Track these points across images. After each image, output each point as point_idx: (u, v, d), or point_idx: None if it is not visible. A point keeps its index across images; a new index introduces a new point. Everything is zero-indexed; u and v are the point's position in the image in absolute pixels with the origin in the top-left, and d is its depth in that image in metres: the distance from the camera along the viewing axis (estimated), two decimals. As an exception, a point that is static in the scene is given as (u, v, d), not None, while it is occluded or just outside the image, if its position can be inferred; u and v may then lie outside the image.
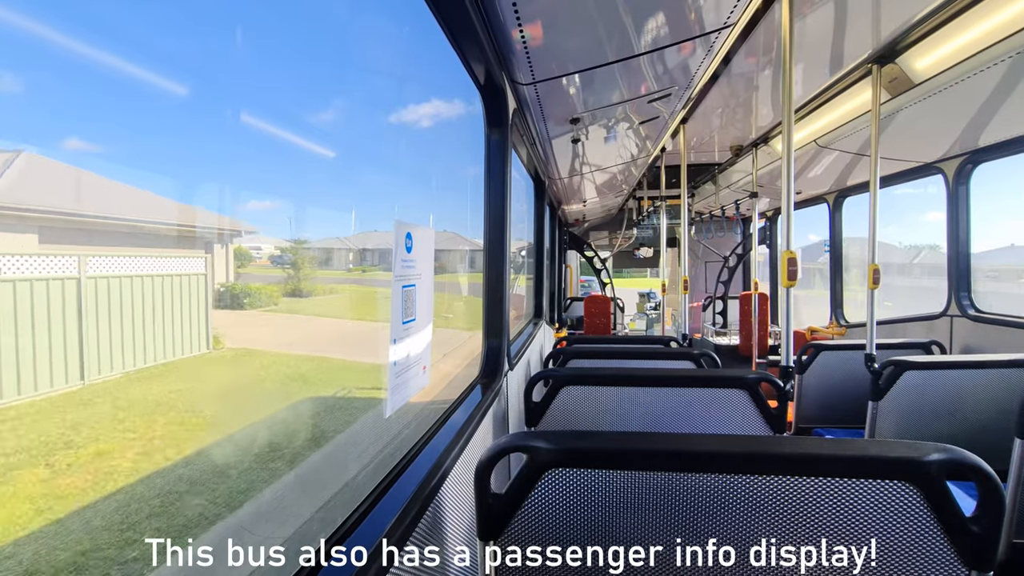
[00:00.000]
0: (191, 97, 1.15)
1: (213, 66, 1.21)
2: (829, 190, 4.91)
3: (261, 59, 1.30)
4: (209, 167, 1.34)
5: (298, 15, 1.51)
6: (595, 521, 0.86)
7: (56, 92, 0.87)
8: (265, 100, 1.38)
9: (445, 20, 1.44)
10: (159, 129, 1.16)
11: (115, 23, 0.94)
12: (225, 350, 2.06)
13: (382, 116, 2.00)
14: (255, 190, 1.57)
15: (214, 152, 1.38)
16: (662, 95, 2.40)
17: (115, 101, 1.00)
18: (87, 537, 1.52)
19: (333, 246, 3.21)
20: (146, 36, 0.98)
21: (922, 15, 1.96)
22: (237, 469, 2.05)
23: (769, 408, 1.61)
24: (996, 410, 2.04)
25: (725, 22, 1.71)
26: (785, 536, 0.81)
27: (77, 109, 0.96)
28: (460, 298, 5.82)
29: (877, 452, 0.80)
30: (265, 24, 1.32)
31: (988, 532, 0.76)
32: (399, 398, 1.16)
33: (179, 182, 1.30)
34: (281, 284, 2.50)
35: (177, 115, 1.14)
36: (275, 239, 2.24)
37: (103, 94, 0.96)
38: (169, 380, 1.79)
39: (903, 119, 2.84)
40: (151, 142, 1.14)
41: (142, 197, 1.40)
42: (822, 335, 4.89)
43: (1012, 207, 4.71)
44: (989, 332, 3.35)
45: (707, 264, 8.01)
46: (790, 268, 2.01)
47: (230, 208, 1.54)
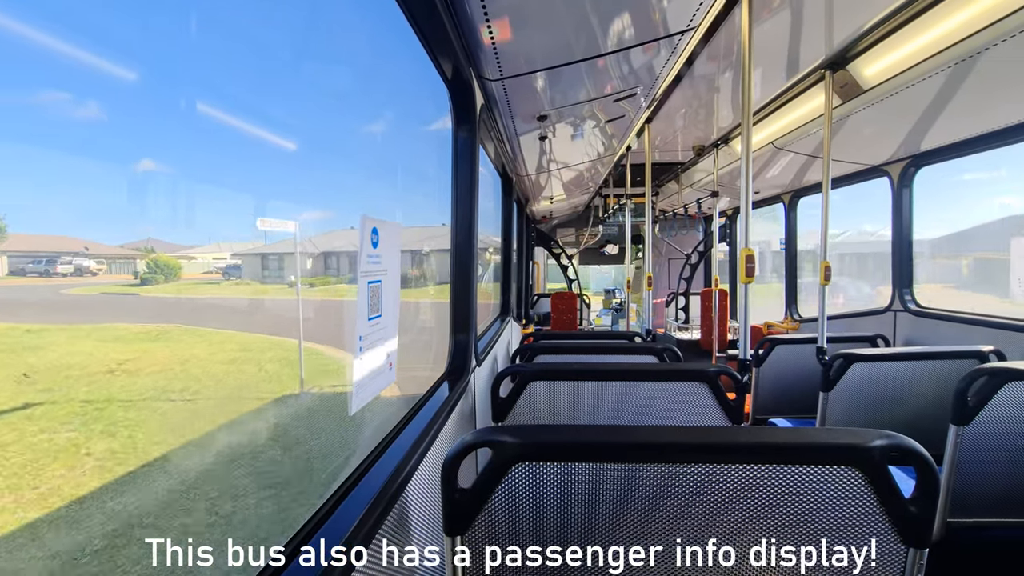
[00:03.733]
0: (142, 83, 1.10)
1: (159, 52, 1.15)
2: (785, 190, 5.11)
3: (213, 46, 1.24)
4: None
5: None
6: (560, 512, 0.88)
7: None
8: (220, 88, 1.32)
9: (412, 14, 1.43)
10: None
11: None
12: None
13: (345, 110, 1.95)
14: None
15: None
16: (627, 94, 2.44)
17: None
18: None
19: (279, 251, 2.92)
20: (92, 19, 0.93)
21: (871, 23, 2.06)
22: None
23: (728, 400, 1.67)
24: (933, 398, 2.18)
25: (688, 25, 1.75)
26: (741, 520, 0.85)
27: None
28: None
29: (825, 439, 0.85)
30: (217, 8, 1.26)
31: (924, 512, 0.82)
32: (365, 395, 1.15)
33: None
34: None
35: (125, 101, 1.08)
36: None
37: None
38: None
39: (853, 123, 2.97)
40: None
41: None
42: (777, 330, 5.09)
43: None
44: (928, 325, 3.57)
45: (670, 261, 8.20)
46: (748, 265, 2.08)
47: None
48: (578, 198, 6.32)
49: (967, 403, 1.58)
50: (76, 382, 2.11)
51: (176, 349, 2.75)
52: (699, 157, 4.49)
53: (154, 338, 2.65)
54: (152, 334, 2.65)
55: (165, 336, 2.73)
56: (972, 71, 2.17)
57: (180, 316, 2.83)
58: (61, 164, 1.05)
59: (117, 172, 1.22)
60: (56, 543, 1.71)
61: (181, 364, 2.74)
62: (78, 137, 1.09)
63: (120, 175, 1.25)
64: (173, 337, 2.80)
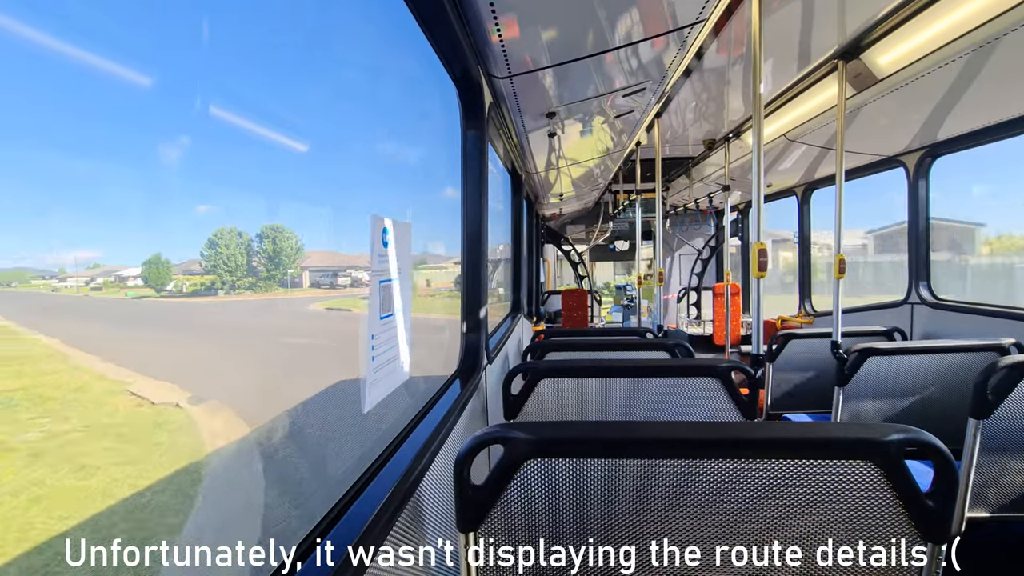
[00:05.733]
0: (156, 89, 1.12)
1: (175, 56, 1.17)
2: (798, 183, 5.04)
3: (224, 49, 1.25)
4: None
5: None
6: (573, 509, 0.88)
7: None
8: (232, 92, 1.34)
9: (420, 13, 1.43)
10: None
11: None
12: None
13: (354, 111, 1.96)
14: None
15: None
16: (636, 89, 2.43)
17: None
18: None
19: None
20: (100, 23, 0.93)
21: (885, 12, 2.02)
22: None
23: (740, 395, 1.66)
24: (951, 392, 2.15)
25: (697, 17, 1.74)
26: (757, 515, 0.85)
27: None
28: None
29: (841, 434, 0.84)
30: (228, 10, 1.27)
31: (943, 507, 0.81)
32: (378, 393, 1.16)
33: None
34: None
35: (138, 107, 1.10)
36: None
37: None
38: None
39: (867, 114, 2.93)
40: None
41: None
42: (791, 324, 5.04)
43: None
44: (946, 318, 3.51)
45: (681, 256, 8.15)
46: (760, 259, 2.06)
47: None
48: (587, 194, 6.30)
49: (987, 396, 1.56)
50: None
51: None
52: (710, 151, 4.45)
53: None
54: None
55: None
56: (991, 58, 2.12)
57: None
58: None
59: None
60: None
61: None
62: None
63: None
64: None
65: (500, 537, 0.89)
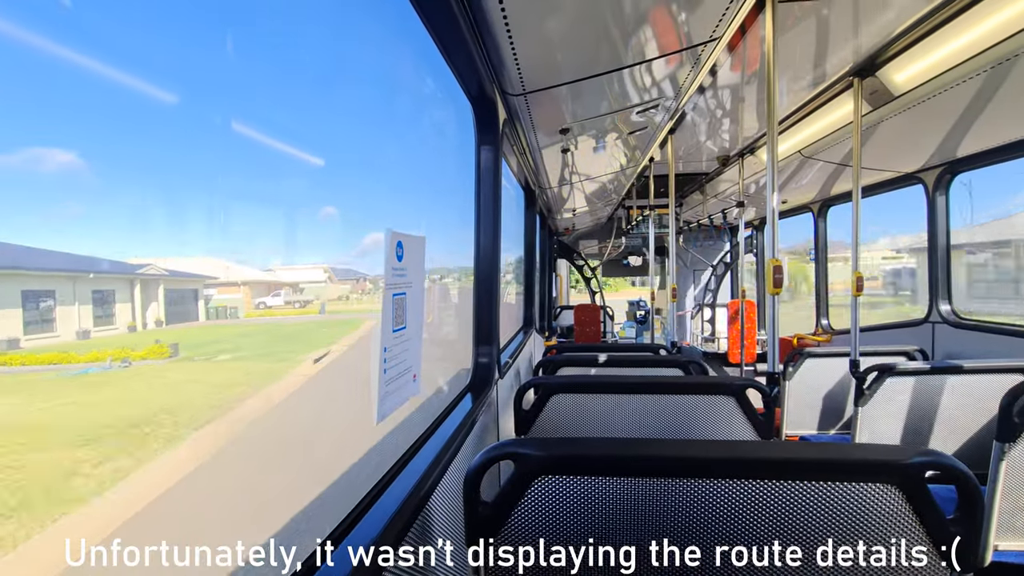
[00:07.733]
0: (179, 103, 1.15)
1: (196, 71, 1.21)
2: (814, 199, 5.00)
3: (241, 66, 1.29)
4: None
5: (282, 17, 1.51)
6: (584, 527, 0.87)
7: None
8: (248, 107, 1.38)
9: (436, 32, 1.46)
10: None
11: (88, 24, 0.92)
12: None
13: (372, 128, 2.00)
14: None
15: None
16: (650, 106, 2.44)
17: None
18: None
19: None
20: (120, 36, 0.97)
21: (901, 29, 2.01)
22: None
23: (756, 414, 1.63)
24: (976, 415, 2.08)
25: (712, 35, 1.75)
26: (772, 539, 0.82)
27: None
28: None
29: (860, 456, 0.82)
30: (245, 27, 1.32)
31: (968, 534, 0.78)
32: (388, 406, 1.16)
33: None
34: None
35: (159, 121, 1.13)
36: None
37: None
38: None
39: (884, 130, 2.90)
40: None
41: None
42: (808, 342, 4.95)
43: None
44: (970, 338, 3.42)
45: (695, 272, 8.08)
46: (775, 276, 2.04)
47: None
48: (601, 210, 6.30)
49: (1013, 419, 1.51)
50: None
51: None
52: (724, 167, 4.44)
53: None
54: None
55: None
56: (1011, 74, 2.10)
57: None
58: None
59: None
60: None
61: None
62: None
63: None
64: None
65: (509, 554, 0.87)
